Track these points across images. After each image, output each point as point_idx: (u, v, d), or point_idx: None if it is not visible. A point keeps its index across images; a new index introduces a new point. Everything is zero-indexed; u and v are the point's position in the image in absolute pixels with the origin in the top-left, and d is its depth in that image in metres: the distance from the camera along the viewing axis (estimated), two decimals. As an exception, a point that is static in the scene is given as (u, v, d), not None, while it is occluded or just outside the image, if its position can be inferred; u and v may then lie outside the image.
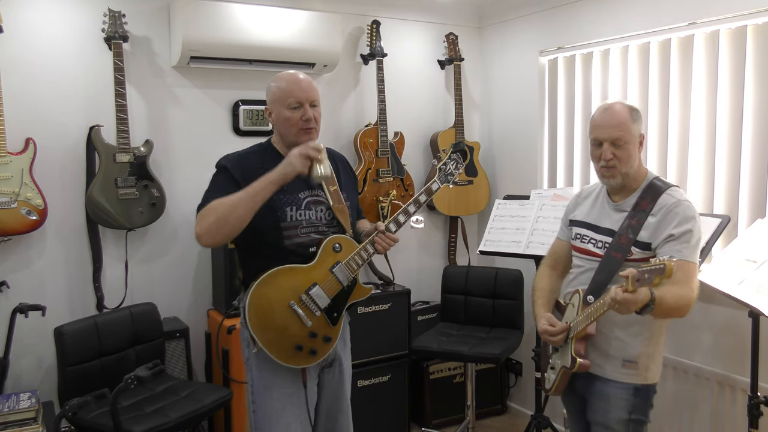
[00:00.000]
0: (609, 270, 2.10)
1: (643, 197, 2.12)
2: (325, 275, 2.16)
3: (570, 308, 2.21)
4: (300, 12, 3.41)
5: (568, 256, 2.37)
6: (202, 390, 2.91)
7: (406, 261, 4.09)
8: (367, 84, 3.88)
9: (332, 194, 2.25)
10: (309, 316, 2.12)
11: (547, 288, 2.39)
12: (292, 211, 2.16)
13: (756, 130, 2.81)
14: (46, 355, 3.05)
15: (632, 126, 2.11)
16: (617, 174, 2.12)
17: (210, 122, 3.45)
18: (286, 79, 2.18)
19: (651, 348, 2.14)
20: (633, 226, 2.09)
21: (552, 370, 2.29)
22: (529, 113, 3.91)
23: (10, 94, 2.87)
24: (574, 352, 2.13)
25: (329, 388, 2.31)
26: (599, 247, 2.18)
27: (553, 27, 3.70)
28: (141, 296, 3.25)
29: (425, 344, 3.46)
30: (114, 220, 3.07)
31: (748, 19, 2.77)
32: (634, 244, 2.08)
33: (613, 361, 2.15)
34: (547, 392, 2.34)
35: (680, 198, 2.09)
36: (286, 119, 2.14)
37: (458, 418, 3.85)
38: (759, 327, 2.45)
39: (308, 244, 2.17)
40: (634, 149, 2.12)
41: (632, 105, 2.18)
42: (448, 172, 2.36)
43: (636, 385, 2.13)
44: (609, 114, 2.13)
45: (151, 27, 3.26)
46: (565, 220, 2.41)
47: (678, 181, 3.11)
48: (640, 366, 2.13)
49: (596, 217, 2.24)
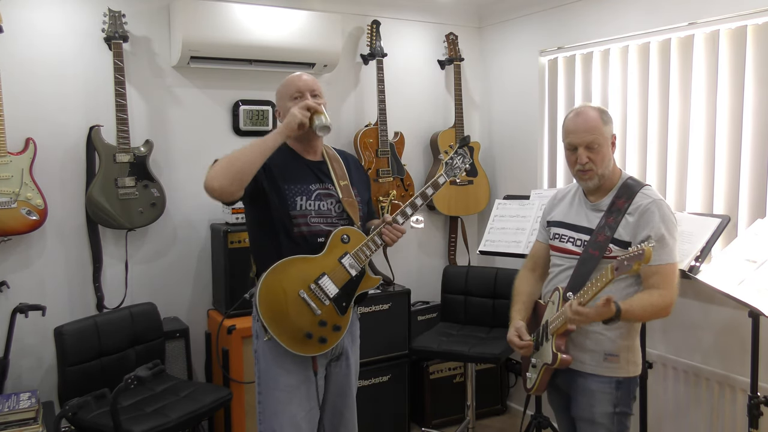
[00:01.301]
0: (587, 267, 2.14)
1: (619, 196, 2.18)
2: (333, 265, 2.20)
3: (550, 306, 2.24)
4: (300, 12, 3.41)
5: (548, 258, 2.40)
6: (202, 390, 2.91)
7: (406, 261, 4.10)
8: (367, 84, 3.88)
9: (342, 188, 2.30)
10: (318, 305, 2.16)
11: (525, 292, 2.42)
12: (302, 200, 2.22)
13: (756, 130, 2.80)
14: (46, 355, 3.05)
15: (604, 128, 2.16)
16: (594, 176, 2.18)
17: (210, 122, 3.46)
18: (289, 77, 2.30)
19: (630, 341, 2.19)
20: (610, 224, 2.15)
21: (533, 369, 2.30)
22: (529, 113, 3.91)
23: (10, 94, 2.87)
24: (555, 347, 2.16)
25: (336, 382, 2.34)
26: (578, 245, 2.22)
27: (553, 27, 3.70)
28: (141, 296, 3.25)
29: (425, 344, 3.46)
30: (114, 220, 3.07)
31: (748, 19, 2.77)
32: (612, 242, 2.13)
33: (594, 355, 2.18)
34: (529, 392, 2.35)
35: (654, 197, 2.14)
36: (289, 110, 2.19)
37: (458, 418, 3.85)
38: (759, 327, 2.45)
39: (317, 233, 2.22)
40: (608, 150, 2.18)
41: (602, 107, 2.25)
42: (455, 166, 2.40)
43: (618, 378, 2.16)
44: (582, 119, 2.18)
45: (151, 27, 3.26)
46: (543, 222, 2.44)
47: (678, 181, 3.11)
48: (621, 359, 2.16)
49: (574, 216, 2.29)
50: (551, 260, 2.36)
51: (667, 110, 3.13)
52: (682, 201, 3.08)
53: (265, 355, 2.23)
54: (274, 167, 2.20)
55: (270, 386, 2.22)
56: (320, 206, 2.25)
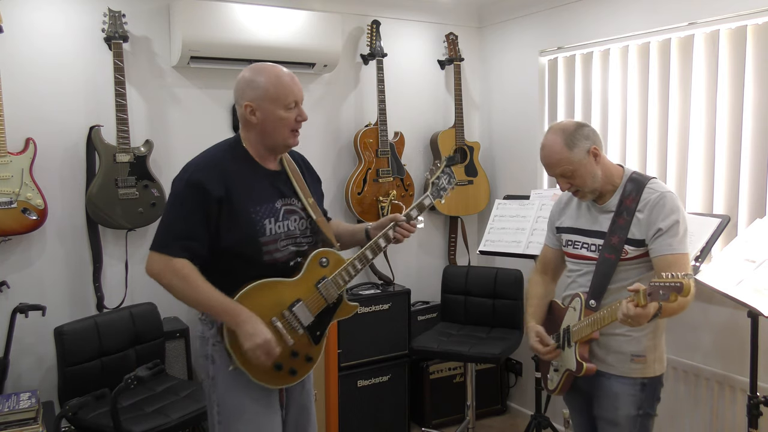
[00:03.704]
0: (606, 272, 2.12)
1: (626, 195, 2.13)
2: (310, 291, 2.04)
3: (571, 312, 2.21)
4: (300, 12, 3.41)
5: (558, 261, 2.39)
6: (201, 390, 2.90)
7: (406, 261, 4.09)
8: (367, 84, 3.88)
9: (312, 207, 2.12)
10: (291, 334, 1.99)
11: (538, 294, 2.40)
12: (271, 223, 2.01)
13: (756, 130, 2.80)
14: (46, 355, 3.05)
15: (571, 154, 2.09)
16: (585, 194, 2.17)
17: (210, 122, 3.45)
18: (277, 74, 2.00)
19: (656, 339, 2.16)
20: (621, 225, 2.10)
21: (556, 372, 2.29)
22: (529, 113, 3.91)
23: (10, 94, 2.87)
24: (579, 356, 2.13)
25: (297, 402, 2.18)
26: (592, 250, 2.19)
27: (553, 27, 3.70)
28: (141, 296, 3.25)
29: (425, 344, 3.46)
30: (114, 220, 3.07)
31: (748, 19, 2.77)
32: (627, 242, 2.09)
33: (620, 356, 2.15)
34: (551, 393, 2.35)
35: (662, 190, 2.10)
36: (281, 119, 1.99)
37: (458, 418, 3.85)
38: (758, 327, 2.45)
39: (289, 258, 2.04)
40: (587, 169, 2.11)
41: (568, 125, 2.14)
42: (441, 187, 2.30)
43: (644, 379, 2.14)
44: (544, 153, 2.15)
45: (151, 27, 3.26)
46: (551, 227, 2.41)
47: (678, 181, 3.11)
48: (648, 359, 2.14)
49: (584, 221, 2.25)
50: (567, 266, 2.33)
51: (667, 110, 3.13)
52: (682, 201, 3.07)
53: (227, 383, 2.00)
54: (236, 190, 1.96)
55: (232, 419, 2.01)
56: (288, 226, 2.04)
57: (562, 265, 2.40)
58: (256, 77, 1.99)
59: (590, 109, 3.53)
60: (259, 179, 2.04)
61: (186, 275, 1.91)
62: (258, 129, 2.02)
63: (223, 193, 1.94)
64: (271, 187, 2.04)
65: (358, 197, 3.69)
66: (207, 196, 1.92)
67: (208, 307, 1.95)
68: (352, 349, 3.53)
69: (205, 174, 1.95)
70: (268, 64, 2.04)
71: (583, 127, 2.15)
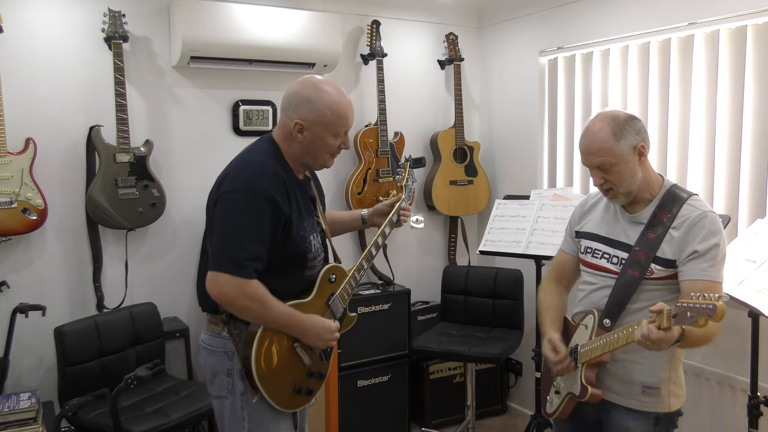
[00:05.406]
0: (626, 290, 1.92)
1: (661, 207, 1.93)
2: (322, 310, 2.00)
3: (581, 329, 2.02)
4: (300, 12, 3.41)
5: (574, 269, 2.19)
6: (202, 390, 2.90)
7: (406, 261, 4.09)
8: (367, 84, 3.88)
9: (324, 219, 2.09)
10: (309, 355, 1.97)
11: (555, 305, 2.18)
12: (314, 239, 1.97)
13: (756, 130, 2.81)
14: (46, 355, 3.05)
15: (616, 145, 1.88)
16: (617, 195, 1.95)
17: (210, 122, 3.45)
18: (338, 102, 1.91)
19: (673, 371, 1.96)
20: (651, 241, 1.90)
21: (557, 395, 2.09)
22: (529, 113, 3.91)
23: (10, 94, 2.87)
24: (585, 380, 1.93)
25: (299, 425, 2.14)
26: (614, 263, 1.98)
27: (553, 27, 3.70)
28: (141, 296, 3.25)
29: (425, 344, 3.46)
30: (114, 220, 3.07)
31: (748, 19, 2.77)
32: (654, 261, 1.89)
33: (629, 386, 1.95)
34: (549, 417, 2.14)
35: (704, 209, 1.90)
36: (327, 145, 1.94)
37: (458, 418, 3.85)
38: (759, 327, 2.45)
39: (317, 275, 2.01)
40: (628, 167, 1.90)
41: (620, 115, 1.94)
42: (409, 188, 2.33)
43: (658, 413, 1.94)
44: (587, 139, 1.94)
45: (151, 27, 3.26)
46: (570, 231, 2.20)
47: (678, 181, 3.06)
48: (662, 392, 1.93)
49: (608, 229, 2.04)
50: (582, 276, 2.12)
51: (667, 110, 3.13)
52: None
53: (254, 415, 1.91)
54: (295, 206, 1.90)
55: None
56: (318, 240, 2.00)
57: (577, 274, 2.19)
58: (316, 98, 1.89)
59: (590, 109, 3.53)
60: (301, 192, 1.98)
61: (261, 297, 1.82)
62: (301, 147, 1.94)
63: (290, 211, 1.87)
64: (308, 200, 2.00)
65: (358, 197, 3.69)
66: (278, 212, 1.83)
67: (277, 325, 1.89)
68: (352, 349, 3.53)
69: (275, 188, 1.84)
70: (329, 84, 1.94)
71: (636, 121, 1.93)
